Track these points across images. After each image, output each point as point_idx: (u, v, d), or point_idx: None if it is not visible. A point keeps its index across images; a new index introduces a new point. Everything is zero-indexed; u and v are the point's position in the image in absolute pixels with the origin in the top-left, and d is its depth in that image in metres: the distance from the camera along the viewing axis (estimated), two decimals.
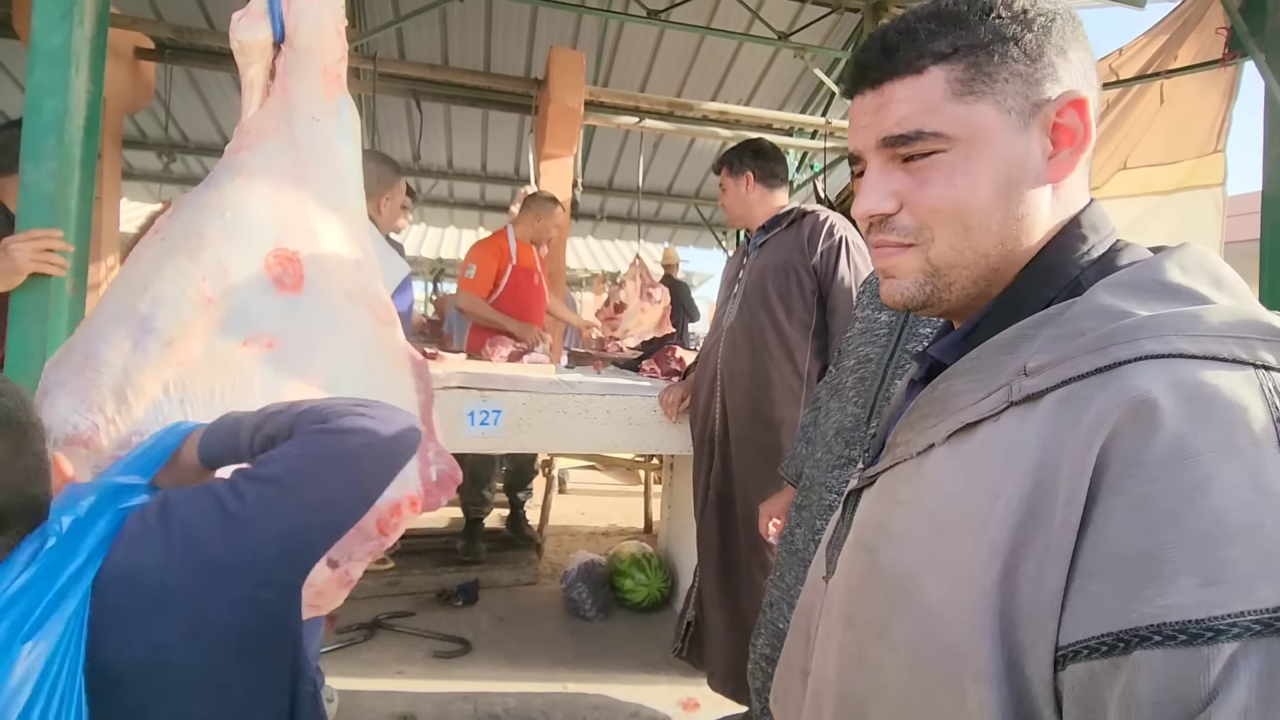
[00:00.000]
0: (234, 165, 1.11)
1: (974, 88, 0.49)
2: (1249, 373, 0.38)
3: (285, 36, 1.17)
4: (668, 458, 3.23)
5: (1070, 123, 0.49)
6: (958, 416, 0.47)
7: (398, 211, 2.44)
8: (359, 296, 1.16)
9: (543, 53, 4.91)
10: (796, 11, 4.89)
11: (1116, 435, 0.38)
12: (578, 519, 4.15)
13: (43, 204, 1.51)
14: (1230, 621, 0.32)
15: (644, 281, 4.33)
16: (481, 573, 2.98)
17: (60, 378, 1.02)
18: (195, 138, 6.02)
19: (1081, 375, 0.41)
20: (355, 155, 1.22)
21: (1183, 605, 0.33)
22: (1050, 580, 0.38)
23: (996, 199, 0.49)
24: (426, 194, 7.12)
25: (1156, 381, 0.38)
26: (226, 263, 1.04)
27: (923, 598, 0.45)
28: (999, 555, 0.40)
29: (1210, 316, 0.40)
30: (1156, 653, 0.34)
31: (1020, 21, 0.49)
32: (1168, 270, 0.44)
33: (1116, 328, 0.42)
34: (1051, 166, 0.50)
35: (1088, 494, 0.38)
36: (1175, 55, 3.02)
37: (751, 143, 2.10)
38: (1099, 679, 0.36)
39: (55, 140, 1.52)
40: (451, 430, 2.02)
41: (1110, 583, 0.36)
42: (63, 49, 1.53)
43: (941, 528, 0.45)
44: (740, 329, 1.97)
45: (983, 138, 0.49)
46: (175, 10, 4.49)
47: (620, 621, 2.75)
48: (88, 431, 0.98)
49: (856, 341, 1.45)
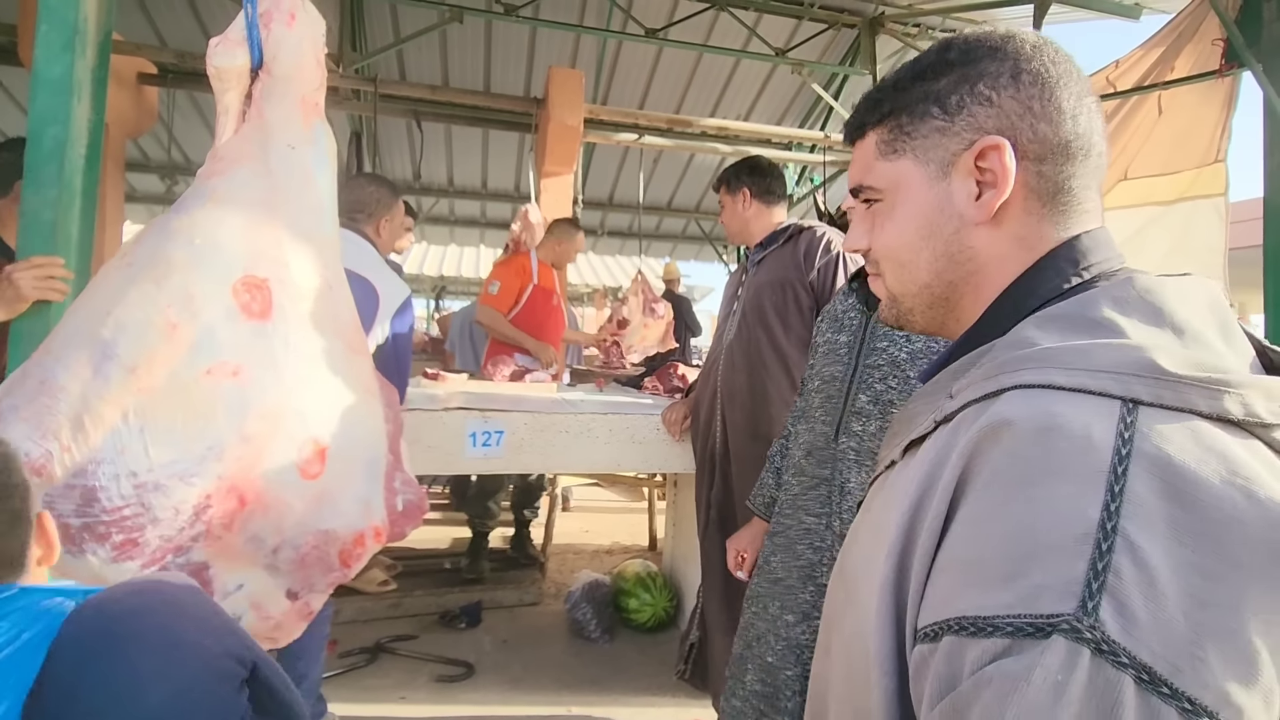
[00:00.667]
0: (205, 191, 1.10)
1: (896, 146, 0.57)
2: (1113, 406, 0.40)
3: (264, 63, 1.16)
4: (671, 475, 3.21)
5: (991, 166, 0.53)
6: (909, 435, 0.52)
7: (397, 233, 2.43)
8: (329, 325, 1.15)
9: (542, 72, 4.95)
10: (793, 28, 4.94)
11: (976, 454, 0.43)
12: (581, 537, 4.12)
13: (45, 232, 1.51)
14: (1006, 621, 0.37)
15: (646, 297, 4.33)
16: (485, 593, 2.95)
17: (13, 403, 0.99)
18: (197, 159, 6.06)
19: (976, 400, 0.46)
20: (330, 183, 1.21)
21: (981, 604, 0.38)
22: (919, 576, 0.44)
23: (921, 240, 0.56)
24: (427, 212, 7.16)
25: (1018, 409, 0.42)
26: (193, 289, 1.02)
27: (859, 595, 0.50)
28: (892, 555, 0.46)
29: (1098, 353, 0.43)
30: (951, 639, 0.39)
31: (943, 81, 0.55)
32: (1099, 304, 0.47)
33: (1010, 358, 0.46)
34: (979, 208, 0.54)
35: (950, 503, 0.43)
36: (1172, 67, 3.03)
37: (748, 160, 2.11)
38: (925, 661, 0.41)
39: (56, 169, 1.53)
40: (453, 451, 2.01)
41: (944, 580, 0.42)
42: (64, 78, 1.54)
43: (875, 532, 0.51)
44: (739, 346, 1.97)
45: (903, 189, 0.57)
46: (178, 35, 4.55)
47: (625, 642, 2.72)
48: (40, 459, 0.96)
49: (820, 364, 1.45)
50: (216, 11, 4.37)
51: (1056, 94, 0.53)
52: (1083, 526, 0.37)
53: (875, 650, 0.45)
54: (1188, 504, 0.37)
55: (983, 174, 0.53)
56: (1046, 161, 0.53)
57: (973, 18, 4.78)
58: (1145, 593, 0.35)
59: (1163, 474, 0.38)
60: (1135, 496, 0.37)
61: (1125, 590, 0.35)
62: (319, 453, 1.12)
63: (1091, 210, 0.55)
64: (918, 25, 4.88)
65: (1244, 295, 3.28)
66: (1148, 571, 0.36)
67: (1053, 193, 0.53)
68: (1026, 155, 0.53)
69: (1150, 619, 0.35)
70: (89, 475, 0.98)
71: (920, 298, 0.58)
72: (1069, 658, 0.35)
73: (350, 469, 1.16)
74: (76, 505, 0.98)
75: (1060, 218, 0.54)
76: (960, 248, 0.55)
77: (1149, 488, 0.37)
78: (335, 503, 1.13)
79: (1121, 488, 0.37)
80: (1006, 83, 0.53)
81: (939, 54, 0.56)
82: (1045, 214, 0.53)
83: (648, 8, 4.64)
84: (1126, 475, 0.38)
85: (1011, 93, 0.53)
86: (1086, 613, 0.35)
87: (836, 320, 1.46)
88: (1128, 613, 0.35)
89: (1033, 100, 0.52)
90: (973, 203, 0.54)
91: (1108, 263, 0.53)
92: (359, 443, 1.19)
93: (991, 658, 0.37)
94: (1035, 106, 0.52)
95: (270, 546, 1.09)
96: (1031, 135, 0.52)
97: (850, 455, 1.34)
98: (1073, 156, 0.53)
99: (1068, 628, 0.35)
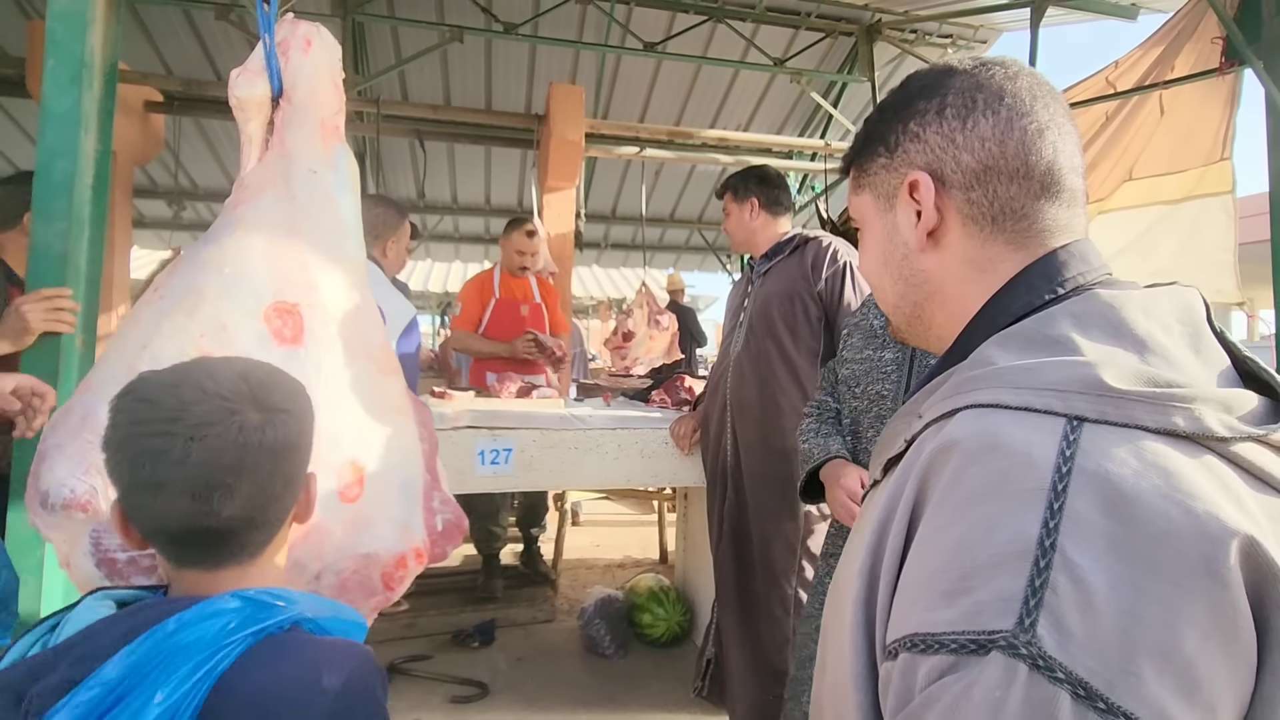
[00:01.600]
0: (232, 220, 1.11)
1: (860, 182, 0.63)
2: (1057, 423, 0.41)
3: (283, 91, 1.17)
4: (681, 488, 3.19)
5: (917, 199, 0.57)
6: (887, 455, 0.54)
7: (404, 254, 2.45)
8: (360, 346, 1.15)
9: (542, 88, 4.99)
10: (791, 37, 4.96)
11: (929, 474, 0.44)
12: (593, 551, 4.10)
13: (53, 264, 1.52)
14: (951, 637, 0.38)
15: (651, 309, 4.32)
16: (498, 611, 2.94)
17: (58, 440, 1.00)
18: (204, 184, 6.13)
19: (936, 419, 0.48)
20: (353, 205, 1.22)
21: (929, 621, 0.40)
22: (885, 595, 0.45)
23: (881, 265, 0.62)
24: (432, 230, 7.20)
25: (966, 429, 0.44)
26: (225, 318, 1.03)
27: (844, 613, 0.51)
28: (863, 574, 0.47)
29: (1045, 371, 0.44)
30: (905, 655, 0.41)
31: (884, 121, 0.60)
32: (1058, 322, 0.48)
33: (967, 377, 0.48)
34: (916, 237, 0.58)
35: (909, 522, 0.45)
36: (1172, 66, 3.03)
37: (756, 170, 2.11)
38: (888, 677, 0.42)
39: (65, 201, 1.54)
40: (463, 470, 2.01)
41: (903, 597, 0.43)
42: (72, 111, 1.56)
43: (852, 550, 0.53)
44: (747, 358, 1.96)
45: (867, 221, 0.63)
46: (183, 63, 4.61)
47: (640, 658, 2.69)
48: (85, 496, 0.97)
49: (864, 381, 1.44)
50: (220, 39, 4.43)
51: (979, 123, 0.54)
52: (1021, 544, 0.38)
53: (851, 667, 0.47)
54: (1125, 520, 0.37)
55: (919, 204, 0.57)
56: (975, 189, 0.55)
57: (969, 21, 4.79)
58: (1081, 609, 0.36)
59: (1102, 490, 0.38)
60: (1074, 513, 0.38)
61: (1062, 606, 0.36)
62: (358, 476, 1.12)
63: (1058, 227, 0.55)
64: (914, 31, 4.89)
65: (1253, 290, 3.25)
66: (1084, 588, 0.36)
67: (992, 216, 0.55)
68: (953, 184, 0.55)
69: (1086, 634, 0.35)
70: None
71: (896, 316, 0.63)
72: (1006, 674, 0.36)
73: (388, 491, 1.16)
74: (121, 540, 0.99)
75: (1015, 238, 0.55)
76: (912, 271, 0.59)
77: (1089, 504, 0.38)
78: (374, 526, 1.13)
79: (1061, 504, 0.38)
80: (931, 119, 0.56)
81: (890, 96, 0.61)
82: (990, 236, 0.55)
83: (645, 22, 4.67)
84: (1066, 492, 0.38)
85: (935, 128, 0.56)
86: (1024, 629, 0.36)
87: (875, 336, 1.45)
88: (1064, 628, 0.36)
89: (955, 133, 0.55)
90: (913, 231, 0.58)
91: (1084, 276, 0.53)
92: (396, 464, 1.19)
93: (939, 674, 0.38)
94: (958, 139, 0.55)
95: (312, 572, 1.08)
96: (955, 165, 0.55)
97: None
98: (1008, 179, 0.54)
99: (1005, 644, 0.36)
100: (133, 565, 1.01)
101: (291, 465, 0.75)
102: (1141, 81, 3.16)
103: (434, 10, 4.42)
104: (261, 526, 0.74)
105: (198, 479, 0.67)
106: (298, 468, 0.76)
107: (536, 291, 3.40)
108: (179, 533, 0.70)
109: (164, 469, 0.67)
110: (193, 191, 6.10)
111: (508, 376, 2.81)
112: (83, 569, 1.02)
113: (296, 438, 0.75)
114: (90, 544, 1.00)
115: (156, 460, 0.67)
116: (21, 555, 1.45)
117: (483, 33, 4.39)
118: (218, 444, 0.68)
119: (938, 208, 0.56)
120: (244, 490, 0.69)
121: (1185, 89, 3.01)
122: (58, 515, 0.97)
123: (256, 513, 0.72)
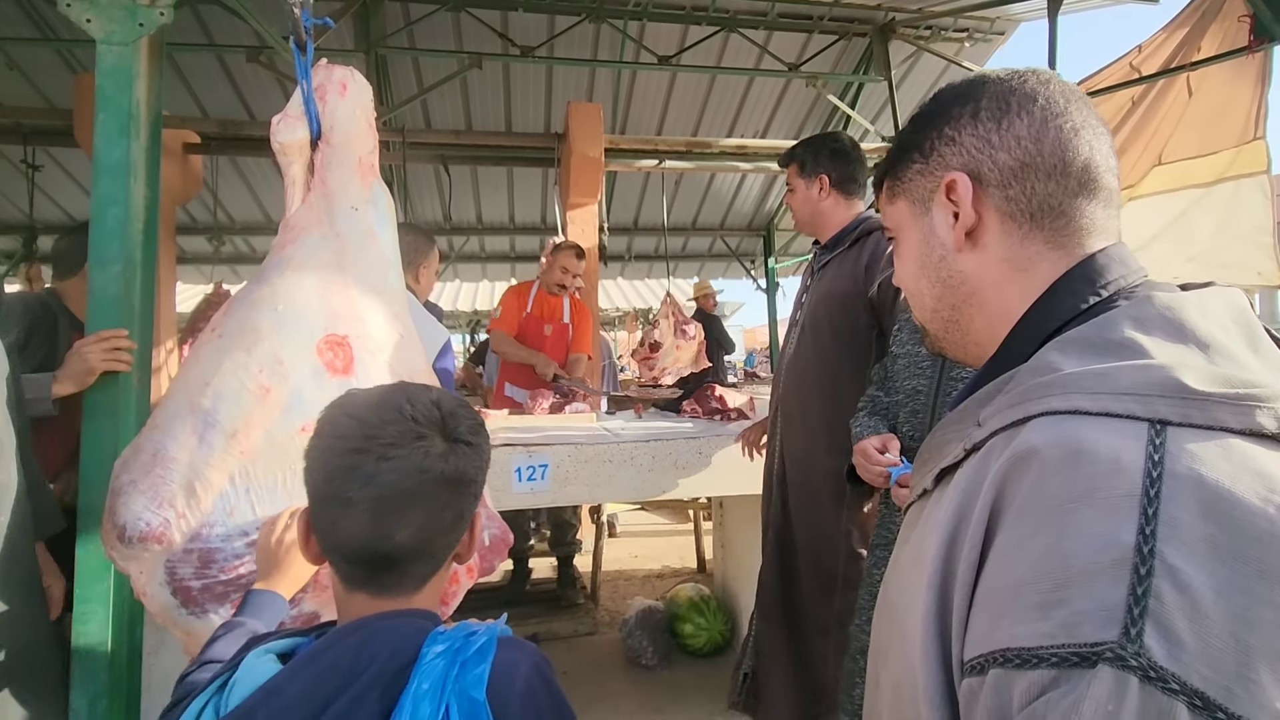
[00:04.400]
0: (282, 260, 1.17)
1: (895, 191, 0.64)
2: (1140, 428, 0.41)
3: (322, 134, 1.23)
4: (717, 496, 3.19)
5: (955, 200, 0.58)
6: (940, 464, 0.53)
7: (433, 277, 2.52)
8: (405, 373, 1.20)
9: (560, 107, 5.07)
10: (804, 41, 4.97)
11: (1006, 483, 0.43)
12: (631, 562, 4.12)
13: (110, 306, 1.61)
14: (1051, 651, 0.37)
15: (677, 319, 4.34)
16: (540, 625, 2.97)
17: (131, 477, 1.07)
18: (241, 219, 6.35)
19: (1004, 428, 0.47)
20: (392, 238, 1.28)
21: (1021, 634, 0.38)
22: (961, 609, 0.44)
23: (918, 269, 0.62)
24: (459, 250, 7.34)
25: (1045, 436, 0.43)
26: (280, 353, 1.09)
27: (904, 627, 0.50)
28: (933, 587, 0.46)
29: (1121, 375, 0.43)
30: (997, 671, 0.39)
31: (918, 130, 0.61)
32: (1119, 325, 0.47)
33: (1034, 384, 0.47)
34: (953, 237, 0.58)
35: (985, 533, 0.43)
36: (1198, 47, 2.97)
37: (829, 139, 1.85)
38: (974, 694, 0.41)
39: (119, 246, 1.63)
40: (500, 487, 2.05)
41: (985, 611, 0.42)
42: (122, 162, 1.65)
43: (915, 563, 0.51)
44: (796, 364, 1.86)
45: (902, 228, 0.64)
46: (218, 106, 4.80)
47: (683, 668, 2.70)
48: (160, 528, 1.03)
49: (902, 376, 1.45)
50: (252, 80, 4.61)
51: (1015, 123, 0.56)
52: (1118, 551, 0.37)
53: (923, 684, 0.45)
54: (1226, 523, 0.37)
55: (956, 205, 0.58)
56: (1013, 186, 0.56)
57: (985, 14, 4.75)
58: (1190, 616, 0.35)
59: (1197, 494, 0.38)
60: (1171, 518, 0.37)
61: (1168, 614, 0.35)
62: None
63: (1095, 227, 0.55)
64: (930, 28, 4.86)
65: None
66: (1190, 594, 0.35)
67: (1030, 213, 0.55)
68: (990, 183, 0.56)
69: (1197, 642, 0.35)
70: (204, 538, 1.05)
71: (934, 323, 0.63)
72: (1117, 687, 0.35)
73: None
74: (195, 568, 1.05)
75: (1053, 235, 0.55)
76: (950, 273, 0.60)
77: (1185, 509, 0.37)
78: None
79: (1155, 510, 0.37)
80: (966, 122, 0.58)
81: (922, 108, 0.62)
82: (1029, 234, 0.56)
83: (659, 36, 4.73)
84: (1159, 497, 0.38)
85: (971, 130, 0.57)
86: (1130, 639, 0.35)
87: (916, 331, 1.43)
88: (1173, 637, 0.35)
89: (990, 134, 0.57)
90: (950, 232, 0.58)
91: (1125, 279, 0.53)
92: None
93: (1040, 690, 0.37)
94: (994, 139, 0.56)
95: None
96: (991, 164, 0.56)
97: None
98: (1045, 176, 0.55)
99: (1113, 655, 0.35)
100: (207, 593, 1.06)
101: (463, 500, 0.74)
102: (1167, 64, 3.10)
103: (452, 39, 4.54)
104: (427, 558, 0.73)
105: (381, 499, 0.67)
106: (468, 504, 0.75)
107: (567, 311, 3.45)
108: (355, 552, 0.70)
109: (354, 486, 0.67)
110: (230, 226, 6.33)
111: (541, 393, 2.86)
112: (159, 598, 1.08)
113: (474, 473, 0.74)
114: (165, 574, 1.06)
115: (348, 476, 0.67)
116: (89, 584, 1.53)
117: (500, 57, 4.50)
118: (404, 465, 0.68)
119: (975, 208, 0.57)
120: (417, 517, 0.69)
121: (1213, 69, 2.95)
122: (135, 548, 1.03)
123: (424, 543, 0.71)
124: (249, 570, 1.07)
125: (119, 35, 1.65)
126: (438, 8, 4.25)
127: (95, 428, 1.56)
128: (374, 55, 4.20)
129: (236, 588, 1.07)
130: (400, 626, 0.68)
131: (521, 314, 3.36)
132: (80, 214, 5.71)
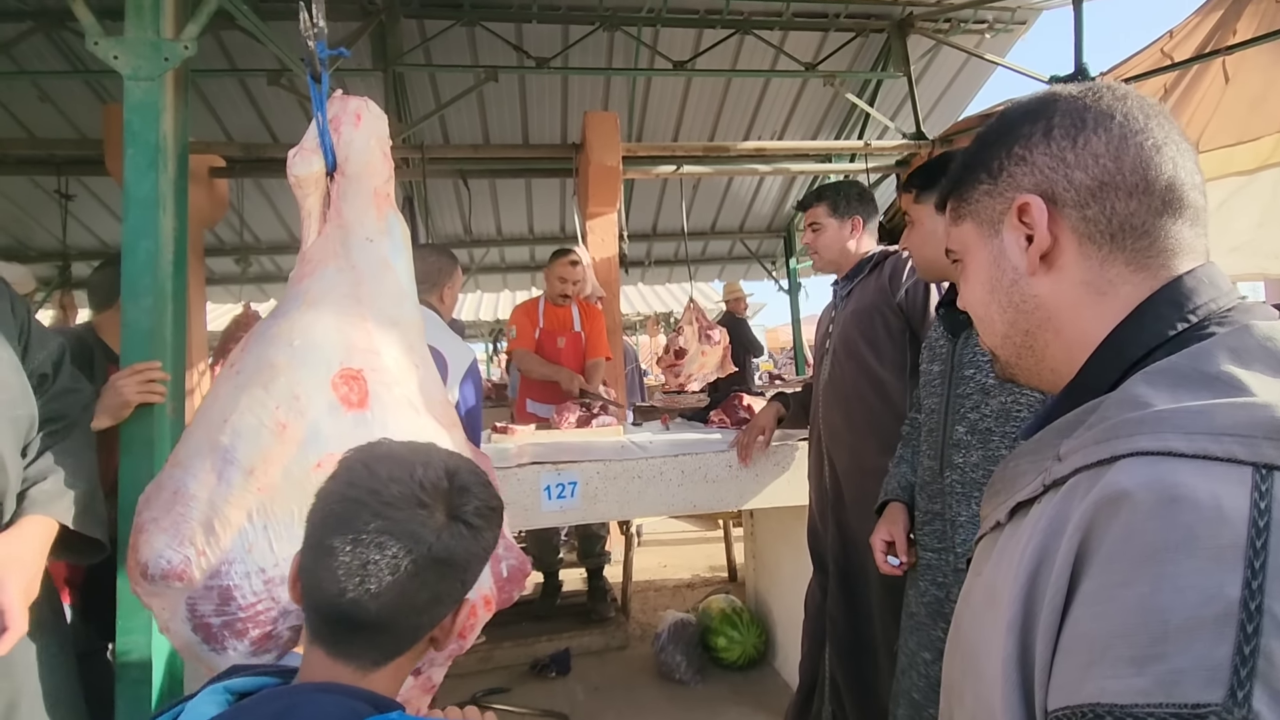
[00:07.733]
0: (299, 294, 1.17)
1: (960, 212, 0.62)
2: (1243, 472, 0.38)
3: (337, 165, 1.23)
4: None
5: (1028, 222, 0.55)
6: (1015, 496, 0.51)
7: (456, 296, 2.53)
8: (421, 404, 1.19)
9: (577, 117, 5.07)
10: (820, 40, 4.91)
11: (1094, 526, 0.41)
12: (660, 572, 4.09)
13: (143, 339, 1.63)
14: (1148, 711, 0.35)
15: (701, 324, 4.30)
16: (572, 640, 2.96)
17: (153, 514, 1.07)
18: (267, 239, 6.45)
19: (1088, 465, 0.44)
20: (408, 268, 1.27)
21: (1114, 690, 0.37)
22: (1044, 655, 0.42)
23: (988, 294, 0.60)
24: (480, 262, 7.38)
25: (1136, 478, 0.40)
26: (297, 389, 1.08)
27: (980, 666, 0.48)
28: (1014, 630, 0.44)
29: (1219, 414, 0.40)
30: None
31: (989, 150, 0.59)
32: (1214, 357, 0.44)
33: (1122, 421, 0.44)
34: (1027, 260, 0.56)
35: (1070, 577, 0.41)
36: (1234, 30, 2.87)
37: (855, 185, 2.02)
38: None
39: (150, 279, 1.65)
40: (530, 506, 2.04)
41: (1072, 660, 0.40)
42: (151, 195, 1.68)
43: (991, 600, 0.49)
44: (833, 385, 1.89)
45: (969, 250, 0.62)
46: (241, 129, 4.88)
47: (717, 682, 2.67)
48: (181, 565, 1.03)
49: (924, 394, 1.47)
50: (274, 103, 4.69)
51: (1091, 140, 0.53)
52: (1221, 606, 0.35)
53: None
54: None
55: (1030, 228, 0.55)
56: (1091, 205, 0.53)
57: (1006, 4, 4.65)
58: None
59: None
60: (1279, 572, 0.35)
61: (1278, 676, 0.33)
62: None
63: (1182, 248, 0.52)
64: (948, 20, 4.78)
65: None
66: None
67: (1111, 234, 0.53)
68: (1066, 203, 0.53)
69: None
70: (223, 575, 1.05)
71: (1005, 349, 0.60)
72: None
73: None
74: (215, 605, 1.05)
75: (1136, 257, 0.52)
76: (1023, 298, 0.57)
77: None
78: None
79: (1263, 563, 0.35)
80: (1038, 141, 0.55)
81: (987, 127, 0.60)
82: (1109, 256, 0.53)
83: (673, 41, 4.71)
84: (1267, 549, 0.36)
85: (1043, 149, 0.55)
86: (1237, 702, 0.33)
87: (931, 350, 1.46)
88: None
89: (1065, 152, 0.54)
90: (1023, 255, 0.56)
91: (1216, 302, 0.50)
92: None
93: None
94: (1069, 157, 0.53)
95: None
96: (1067, 184, 0.53)
97: (957, 489, 1.33)
98: (1127, 195, 0.52)
99: None
100: (228, 629, 1.06)
101: (445, 583, 0.69)
102: (1201, 49, 3.00)
103: (468, 53, 4.57)
104: (393, 633, 0.68)
105: (359, 556, 0.64)
106: (450, 588, 0.70)
107: (577, 320, 3.44)
108: (322, 604, 0.67)
109: (339, 536, 0.65)
110: (257, 246, 6.44)
111: (567, 407, 2.85)
112: (181, 634, 1.08)
113: (465, 558, 0.70)
114: (186, 611, 1.06)
115: (338, 525, 0.66)
116: (131, 615, 1.55)
117: (516, 69, 4.51)
118: (393, 529, 0.65)
119: (1050, 230, 0.54)
120: (390, 586, 0.65)
121: (1250, 53, 2.85)
122: (157, 585, 1.04)
123: (391, 616, 0.67)
124: (266, 607, 1.06)
125: (145, 70, 1.68)
126: (453, 23, 4.28)
127: (132, 461, 1.58)
128: (391, 73, 4.24)
129: (255, 624, 1.06)
130: (328, 705, 0.63)
131: (534, 330, 3.36)
132: (112, 239, 5.85)
